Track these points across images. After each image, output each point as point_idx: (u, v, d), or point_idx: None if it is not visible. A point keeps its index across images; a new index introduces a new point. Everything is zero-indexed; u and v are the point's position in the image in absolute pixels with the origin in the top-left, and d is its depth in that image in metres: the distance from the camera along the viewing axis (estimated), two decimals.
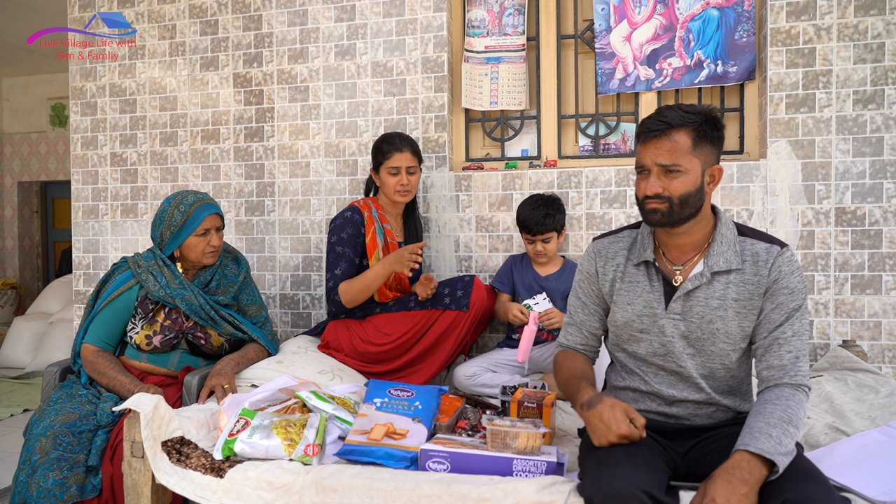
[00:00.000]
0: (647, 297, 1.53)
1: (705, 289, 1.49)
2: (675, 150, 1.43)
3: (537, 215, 2.42)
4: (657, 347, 1.53)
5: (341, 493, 1.51)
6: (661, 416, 1.56)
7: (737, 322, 1.48)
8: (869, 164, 2.46)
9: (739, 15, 2.61)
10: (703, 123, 1.43)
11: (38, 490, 1.74)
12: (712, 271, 1.48)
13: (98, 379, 2.04)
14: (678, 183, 1.43)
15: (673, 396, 1.53)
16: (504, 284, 2.54)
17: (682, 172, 1.43)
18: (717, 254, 1.48)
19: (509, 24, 2.85)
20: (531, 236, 2.44)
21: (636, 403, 1.58)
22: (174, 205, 2.15)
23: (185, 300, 2.10)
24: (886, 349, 2.45)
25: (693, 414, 1.54)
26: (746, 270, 1.48)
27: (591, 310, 1.65)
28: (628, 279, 1.57)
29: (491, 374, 2.39)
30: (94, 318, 2.12)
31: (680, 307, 1.50)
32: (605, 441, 1.39)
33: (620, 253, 1.60)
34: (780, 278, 1.46)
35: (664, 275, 1.53)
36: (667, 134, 1.43)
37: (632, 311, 1.54)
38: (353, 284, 2.35)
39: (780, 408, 1.36)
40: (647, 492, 1.25)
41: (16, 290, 6.30)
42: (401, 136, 2.47)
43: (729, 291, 1.48)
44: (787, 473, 1.28)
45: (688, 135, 1.43)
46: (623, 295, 1.57)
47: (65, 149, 6.41)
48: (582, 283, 1.66)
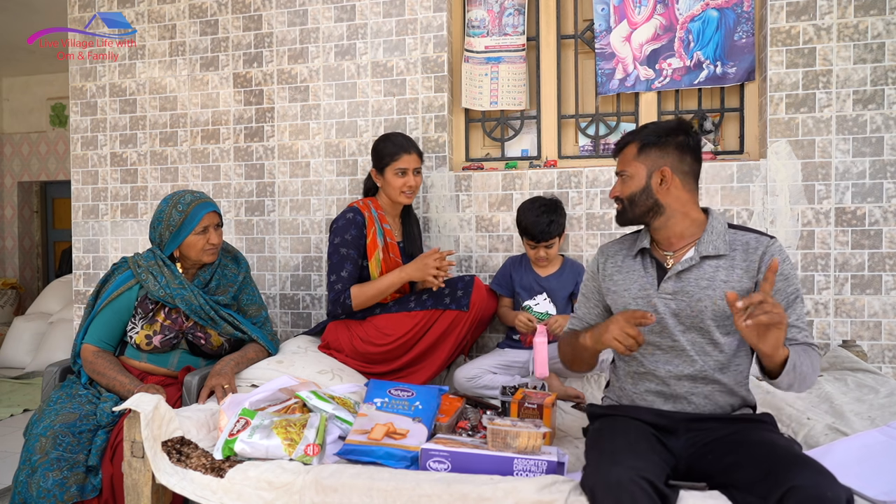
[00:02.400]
0: (641, 282, 1.66)
1: (695, 270, 1.60)
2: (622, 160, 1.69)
3: (541, 223, 2.37)
4: (652, 325, 1.62)
5: (341, 493, 1.51)
6: (660, 396, 1.62)
7: (724, 302, 1.56)
8: (869, 164, 2.46)
9: (739, 16, 2.61)
10: (649, 135, 1.64)
11: (38, 490, 1.74)
12: (701, 255, 1.59)
13: (98, 379, 2.04)
14: (624, 187, 1.66)
15: (670, 372, 1.61)
16: (503, 287, 2.53)
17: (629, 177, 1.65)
18: (707, 241, 1.60)
19: (509, 24, 2.85)
20: (535, 243, 2.42)
21: (636, 386, 1.67)
22: (172, 204, 2.15)
23: (185, 300, 2.10)
24: (886, 349, 2.45)
25: (690, 392, 1.59)
26: (736, 257, 1.59)
27: (594, 302, 1.81)
28: (626, 269, 1.71)
29: (491, 376, 2.39)
30: (93, 318, 2.12)
31: (671, 287, 1.61)
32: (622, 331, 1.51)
33: (621, 252, 1.75)
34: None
35: (658, 261, 1.67)
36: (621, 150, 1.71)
37: (628, 294, 1.68)
38: (367, 290, 2.35)
39: (799, 347, 1.52)
40: (647, 479, 1.28)
41: (16, 290, 6.29)
42: (405, 137, 2.47)
43: (718, 274, 1.58)
44: (790, 464, 1.29)
45: (634, 146, 1.66)
46: (620, 283, 1.71)
47: (65, 149, 6.41)
48: (587, 282, 1.83)
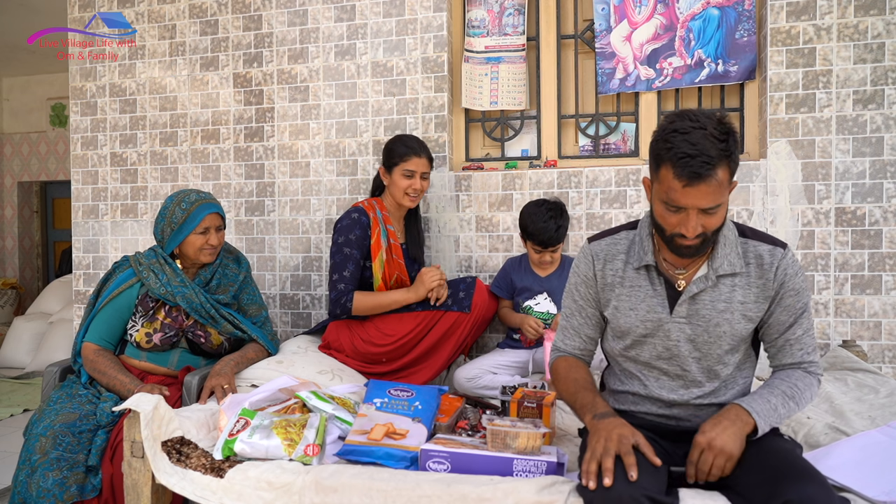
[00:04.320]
0: (650, 302, 1.50)
1: (711, 292, 1.47)
2: (717, 192, 1.34)
3: (549, 229, 2.32)
4: (661, 351, 1.52)
5: (341, 493, 1.51)
6: (661, 417, 1.55)
7: (742, 324, 1.48)
8: (869, 164, 2.46)
9: (740, 14, 2.61)
10: (733, 147, 1.35)
11: (37, 490, 1.74)
12: (717, 274, 1.47)
13: (98, 378, 2.04)
14: (715, 219, 1.38)
15: (674, 400, 1.52)
16: (503, 290, 2.51)
17: (720, 207, 1.37)
18: (721, 256, 1.47)
19: (509, 24, 2.85)
20: (542, 248, 2.38)
21: (636, 406, 1.58)
22: (176, 202, 2.15)
23: (186, 298, 2.10)
24: (886, 349, 2.45)
25: (694, 415, 1.53)
26: (751, 273, 1.48)
27: (589, 313, 1.62)
28: (629, 283, 1.53)
29: (491, 377, 2.39)
30: (94, 316, 2.12)
31: (685, 311, 1.48)
32: (603, 444, 1.32)
33: (619, 256, 1.56)
34: (786, 281, 1.47)
35: (666, 278, 1.51)
36: (712, 175, 1.32)
37: (635, 316, 1.52)
38: (369, 300, 2.35)
39: (787, 384, 1.45)
40: (647, 494, 1.24)
41: (16, 290, 6.30)
42: (419, 140, 2.46)
43: (735, 294, 1.47)
44: (788, 473, 1.28)
45: (725, 169, 1.34)
46: (625, 300, 1.53)
47: (65, 149, 6.41)
48: (579, 287, 1.61)
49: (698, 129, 1.33)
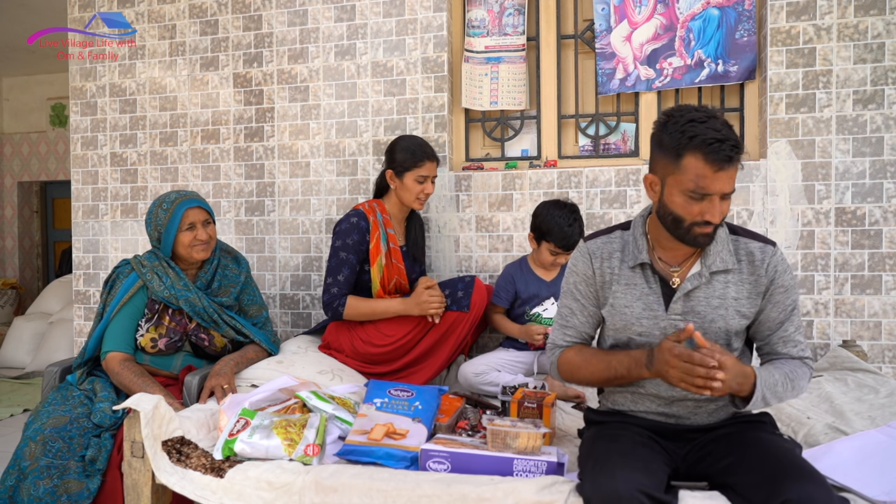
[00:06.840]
0: (646, 300, 1.52)
1: (705, 288, 1.50)
2: (735, 176, 1.41)
3: (574, 233, 2.30)
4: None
5: (341, 493, 1.51)
6: (661, 415, 1.56)
7: (736, 320, 1.50)
8: (869, 164, 2.46)
9: (740, 14, 2.61)
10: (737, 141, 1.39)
11: (28, 498, 1.74)
12: (710, 271, 1.49)
13: (125, 390, 2.01)
14: (729, 204, 1.43)
15: (673, 396, 1.53)
16: (504, 299, 2.48)
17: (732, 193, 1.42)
18: (714, 254, 1.50)
19: (509, 24, 2.85)
20: (562, 251, 2.34)
21: (634, 405, 1.58)
22: (157, 205, 2.16)
23: (189, 302, 2.10)
24: (886, 349, 2.45)
25: (693, 413, 1.54)
26: (743, 270, 1.51)
27: (590, 312, 1.62)
28: (624, 282, 1.55)
29: (496, 374, 2.38)
30: (108, 324, 2.10)
31: (681, 307, 1.50)
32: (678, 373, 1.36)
33: (614, 255, 1.57)
34: (776, 278, 1.50)
35: (661, 276, 1.53)
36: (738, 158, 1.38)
37: (630, 313, 1.53)
38: (362, 306, 2.34)
39: (788, 367, 1.48)
40: (645, 492, 1.25)
41: (16, 290, 6.30)
42: (427, 143, 2.44)
43: (728, 290, 1.50)
44: (787, 473, 1.28)
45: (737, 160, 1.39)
46: (620, 298, 1.54)
47: (65, 149, 6.41)
48: (579, 286, 1.61)
49: (713, 118, 1.38)
